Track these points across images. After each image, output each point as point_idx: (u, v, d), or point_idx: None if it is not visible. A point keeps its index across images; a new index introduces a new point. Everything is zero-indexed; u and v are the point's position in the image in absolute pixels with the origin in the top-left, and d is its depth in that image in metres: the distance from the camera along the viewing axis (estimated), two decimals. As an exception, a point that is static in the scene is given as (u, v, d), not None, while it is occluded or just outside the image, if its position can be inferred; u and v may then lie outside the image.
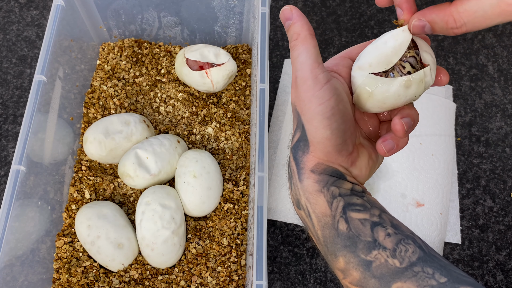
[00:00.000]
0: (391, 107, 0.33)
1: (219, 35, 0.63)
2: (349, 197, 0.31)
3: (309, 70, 0.31)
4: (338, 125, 0.31)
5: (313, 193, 0.32)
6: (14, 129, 0.61)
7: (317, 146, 0.32)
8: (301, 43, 0.32)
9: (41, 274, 0.47)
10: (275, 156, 0.59)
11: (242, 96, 0.59)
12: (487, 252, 0.55)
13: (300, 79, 0.32)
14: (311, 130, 0.32)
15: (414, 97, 0.32)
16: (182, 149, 0.54)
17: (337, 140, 0.31)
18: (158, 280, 0.49)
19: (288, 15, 0.33)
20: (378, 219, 0.30)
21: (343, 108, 0.32)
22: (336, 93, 0.31)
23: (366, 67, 0.32)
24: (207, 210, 0.51)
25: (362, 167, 0.34)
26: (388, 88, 0.32)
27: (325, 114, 0.31)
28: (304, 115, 0.32)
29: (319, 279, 0.53)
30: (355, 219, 0.30)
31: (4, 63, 0.65)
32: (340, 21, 0.69)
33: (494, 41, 0.68)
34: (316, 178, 0.32)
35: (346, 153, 0.32)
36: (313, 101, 0.31)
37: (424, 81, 0.32)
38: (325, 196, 0.31)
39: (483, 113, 0.63)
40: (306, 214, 0.33)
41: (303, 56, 0.32)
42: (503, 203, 0.58)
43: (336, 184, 0.32)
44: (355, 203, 0.31)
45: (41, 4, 0.70)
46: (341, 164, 0.33)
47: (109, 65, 0.61)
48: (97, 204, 0.50)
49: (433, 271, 0.28)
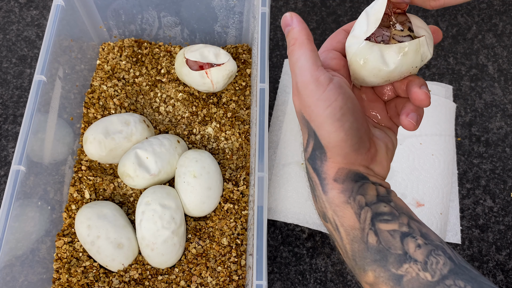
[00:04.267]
0: (386, 77, 0.32)
1: (219, 35, 0.63)
2: (376, 205, 0.30)
3: (309, 74, 0.30)
4: (351, 123, 0.30)
5: (339, 205, 0.31)
6: (14, 129, 0.61)
7: (334, 151, 0.31)
8: (298, 48, 0.32)
9: (41, 274, 0.47)
10: (275, 156, 0.59)
11: (242, 96, 0.59)
12: (487, 252, 0.55)
13: (301, 84, 0.31)
14: (324, 135, 0.30)
15: (411, 68, 0.32)
16: (182, 149, 0.54)
17: (353, 139, 0.30)
18: (158, 280, 0.49)
19: (288, 21, 0.33)
20: (407, 229, 0.29)
21: (351, 105, 0.31)
22: (341, 91, 0.30)
23: (361, 35, 0.32)
24: (207, 210, 0.51)
25: (382, 160, 0.33)
26: (384, 56, 0.31)
27: (335, 116, 0.30)
28: (313, 121, 0.31)
29: (319, 279, 0.53)
30: (385, 230, 0.29)
31: (4, 63, 0.65)
32: (340, 21, 0.69)
33: (494, 41, 0.68)
34: (341, 187, 0.31)
35: (365, 150, 0.32)
36: (320, 105, 0.30)
37: (421, 52, 0.31)
38: (352, 207, 0.30)
39: (483, 113, 0.63)
40: (334, 228, 0.32)
41: (301, 60, 0.31)
42: (503, 203, 0.58)
43: (362, 191, 0.31)
44: (383, 212, 0.30)
45: (41, 4, 0.70)
46: (361, 164, 0.32)
47: (109, 65, 0.61)
48: (97, 204, 0.50)
49: (464, 284, 0.27)
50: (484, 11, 0.71)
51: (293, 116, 0.60)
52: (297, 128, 0.60)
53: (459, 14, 0.70)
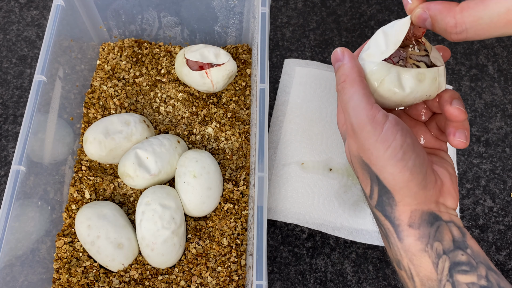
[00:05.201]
0: (399, 101, 0.31)
1: (219, 35, 0.63)
2: (453, 253, 0.28)
3: (364, 114, 0.29)
4: (414, 161, 0.28)
5: (416, 254, 0.29)
6: (14, 129, 0.61)
7: (402, 193, 0.29)
8: (350, 85, 0.30)
9: (41, 274, 0.47)
10: (275, 156, 0.59)
11: (242, 96, 0.59)
12: (487, 252, 0.55)
13: (357, 126, 0.29)
14: (389, 179, 0.29)
15: (425, 95, 0.30)
16: (182, 149, 0.54)
17: (419, 176, 0.29)
18: (158, 280, 0.49)
19: (338, 56, 0.31)
20: (485, 282, 0.28)
21: (410, 140, 0.29)
22: (399, 128, 0.29)
23: (378, 54, 0.30)
24: (207, 210, 0.51)
25: (450, 189, 0.31)
26: (400, 79, 0.30)
27: (397, 156, 0.28)
28: (375, 164, 0.29)
29: (319, 279, 0.53)
30: (463, 283, 0.28)
31: (4, 63, 0.65)
32: (340, 21, 0.69)
33: (494, 41, 0.68)
34: (417, 234, 0.29)
35: (432, 185, 0.30)
36: (379, 147, 0.28)
37: (438, 81, 0.30)
38: (429, 256, 0.29)
39: (483, 113, 0.63)
40: (408, 276, 0.30)
41: (354, 99, 0.29)
42: (503, 203, 0.58)
43: (438, 236, 0.29)
44: (461, 261, 0.28)
45: (41, 4, 0.70)
46: (432, 200, 0.30)
47: (109, 65, 0.61)
48: (97, 204, 0.50)
49: None
50: (484, 11, 0.71)
51: (293, 116, 0.60)
52: (297, 128, 0.60)
53: (459, 14, 0.70)
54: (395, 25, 0.30)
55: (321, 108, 0.61)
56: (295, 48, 0.67)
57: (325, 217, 0.55)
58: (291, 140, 0.59)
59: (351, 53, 0.32)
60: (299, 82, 0.63)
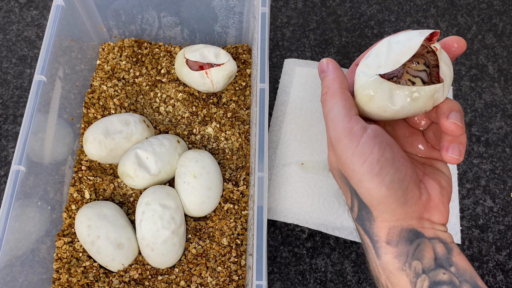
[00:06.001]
0: (391, 117, 0.29)
1: (219, 35, 0.63)
2: (434, 272, 0.27)
3: (341, 128, 0.28)
4: (391, 176, 0.27)
5: (394, 272, 0.28)
6: (14, 129, 0.61)
7: (379, 208, 0.28)
8: (330, 98, 0.29)
9: (41, 274, 0.47)
10: (275, 156, 0.59)
11: (242, 96, 0.59)
12: (487, 252, 0.55)
13: (334, 139, 0.28)
14: (365, 194, 0.28)
15: (419, 111, 0.29)
16: (182, 149, 0.54)
17: (397, 193, 0.27)
18: (158, 280, 0.49)
19: (323, 67, 0.31)
20: None
21: (390, 154, 0.28)
22: (377, 141, 0.28)
23: (374, 67, 0.29)
24: (207, 210, 0.51)
25: (438, 204, 0.30)
26: (392, 96, 0.28)
27: (373, 171, 0.27)
28: (351, 178, 0.28)
29: (319, 279, 0.53)
30: None
31: (4, 63, 0.65)
32: (340, 21, 0.69)
33: (494, 41, 0.68)
34: (395, 251, 0.28)
35: (414, 201, 0.28)
36: (355, 161, 0.27)
37: (434, 98, 0.28)
38: (407, 275, 0.27)
39: (483, 113, 0.63)
40: None
41: (333, 112, 0.29)
42: (503, 203, 0.58)
43: (418, 255, 0.28)
44: (442, 280, 0.27)
45: (41, 4, 0.70)
46: (413, 216, 0.28)
47: (109, 65, 0.61)
48: (97, 204, 0.50)
49: None
50: (484, 11, 0.71)
51: (293, 116, 0.61)
52: (297, 128, 0.60)
53: (459, 14, 0.70)
54: (403, 42, 0.28)
55: (321, 108, 0.61)
56: (295, 48, 0.67)
57: (325, 217, 0.55)
58: (291, 140, 0.59)
59: (335, 63, 0.31)
60: (299, 82, 0.63)
